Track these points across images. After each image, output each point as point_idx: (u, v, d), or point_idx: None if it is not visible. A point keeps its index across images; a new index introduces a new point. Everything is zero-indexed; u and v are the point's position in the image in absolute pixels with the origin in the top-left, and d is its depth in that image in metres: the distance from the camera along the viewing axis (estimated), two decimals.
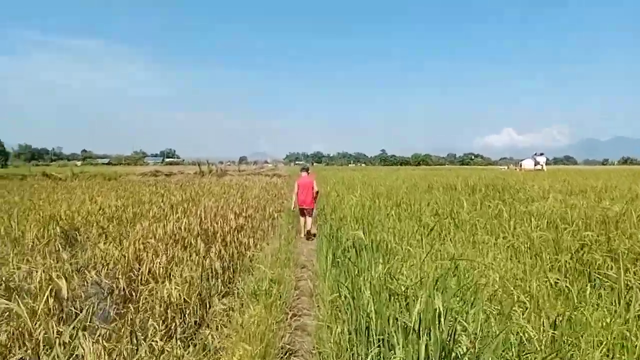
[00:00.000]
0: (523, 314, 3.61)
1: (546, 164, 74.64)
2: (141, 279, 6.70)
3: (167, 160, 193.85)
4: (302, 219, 11.90)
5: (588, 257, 5.24)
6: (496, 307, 3.62)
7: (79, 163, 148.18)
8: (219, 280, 6.75)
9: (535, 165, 72.91)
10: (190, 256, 8.20)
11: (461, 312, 3.33)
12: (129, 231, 10.06)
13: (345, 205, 9.84)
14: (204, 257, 8.03)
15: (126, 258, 7.57)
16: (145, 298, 5.70)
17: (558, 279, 4.29)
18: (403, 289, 3.53)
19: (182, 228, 10.18)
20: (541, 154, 78.17)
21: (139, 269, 7.12)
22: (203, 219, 11.25)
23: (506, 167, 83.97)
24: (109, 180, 36.50)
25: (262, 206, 15.48)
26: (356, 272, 4.15)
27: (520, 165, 74.84)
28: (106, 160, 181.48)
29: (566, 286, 4.03)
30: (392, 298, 3.36)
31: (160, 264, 6.94)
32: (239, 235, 10.48)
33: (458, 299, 3.58)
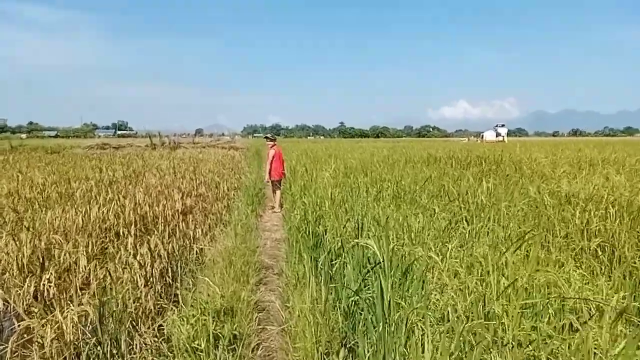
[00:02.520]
0: None
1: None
2: (35, 296, 4.66)
3: (119, 132, 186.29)
4: (277, 192, 10.54)
5: None
6: None
7: (24, 135, 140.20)
8: (149, 297, 4.69)
9: (497, 136, 72.87)
10: (117, 254, 6.20)
11: None
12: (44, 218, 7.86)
13: (319, 184, 7.93)
14: (133, 255, 6.02)
15: (17, 263, 5.39)
16: (23, 335, 3.69)
17: None
18: None
19: (112, 213, 8.09)
20: (502, 125, 78.22)
21: (41, 276, 5.03)
22: (140, 201, 9.13)
23: (467, 139, 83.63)
24: (51, 154, 33.02)
25: (217, 183, 13.38)
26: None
27: (482, 137, 74.58)
28: (53, 133, 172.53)
29: None
30: None
31: (54, 278, 4.83)
32: (186, 220, 8.52)
33: None
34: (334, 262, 3.85)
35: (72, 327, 3.60)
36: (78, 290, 4.69)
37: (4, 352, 3.52)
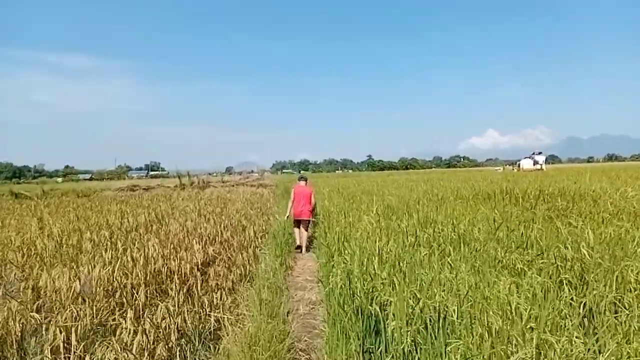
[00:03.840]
0: None
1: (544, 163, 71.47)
2: None
3: (152, 173, 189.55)
4: (296, 230, 10.50)
5: None
6: None
7: (60, 179, 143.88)
8: None
9: (534, 164, 69.73)
10: (118, 328, 5.02)
11: None
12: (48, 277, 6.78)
13: (360, 231, 6.62)
14: (134, 332, 4.81)
15: None
16: None
17: None
18: None
19: (120, 271, 6.94)
20: (539, 153, 74.79)
21: None
22: (154, 254, 7.97)
23: (501, 168, 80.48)
24: (81, 198, 32.58)
25: (243, 226, 12.22)
26: None
27: (519, 165, 71.54)
28: (88, 176, 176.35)
29: None
30: None
31: None
32: (207, 274, 7.39)
33: None
34: None
35: None
36: None
37: None
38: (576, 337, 2.72)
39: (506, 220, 6.86)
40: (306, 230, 10.47)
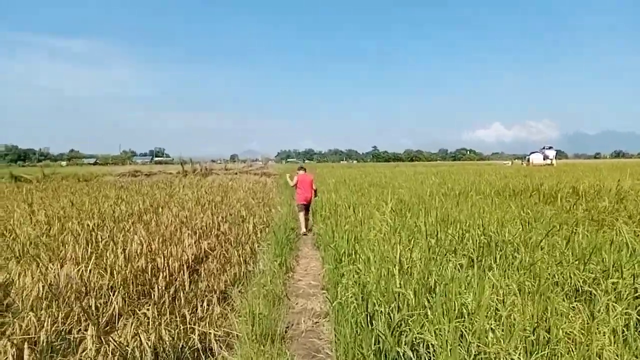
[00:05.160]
0: None
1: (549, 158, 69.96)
2: None
3: (157, 159, 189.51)
4: (301, 214, 11.30)
5: None
6: None
7: (64, 163, 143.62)
8: None
9: (544, 159, 68.43)
10: (80, 343, 4.14)
11: None
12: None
13: (375, 232, 5.69)
14: (96, 351, 3.91)
15: None
16: None
17: None
18: None
19: (96, 270, 6.03)
20: (550, 148, 73.27)
21: None
22: (139, 250, 7.04)
23: (510, 162, 79.23)
24: (80, 182, 31.76)
25: (242, 218, 11.30)
26: None
27: (528, 160, 70.33)
28: (92, 160, 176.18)
29: None
30: None
31: None
32: (198, 274, 6.54)
33: None
34: None
35: None
36: None
37: None
38: None
39: (545, 223, 5.86)
40: (308, 212, 11.62)
